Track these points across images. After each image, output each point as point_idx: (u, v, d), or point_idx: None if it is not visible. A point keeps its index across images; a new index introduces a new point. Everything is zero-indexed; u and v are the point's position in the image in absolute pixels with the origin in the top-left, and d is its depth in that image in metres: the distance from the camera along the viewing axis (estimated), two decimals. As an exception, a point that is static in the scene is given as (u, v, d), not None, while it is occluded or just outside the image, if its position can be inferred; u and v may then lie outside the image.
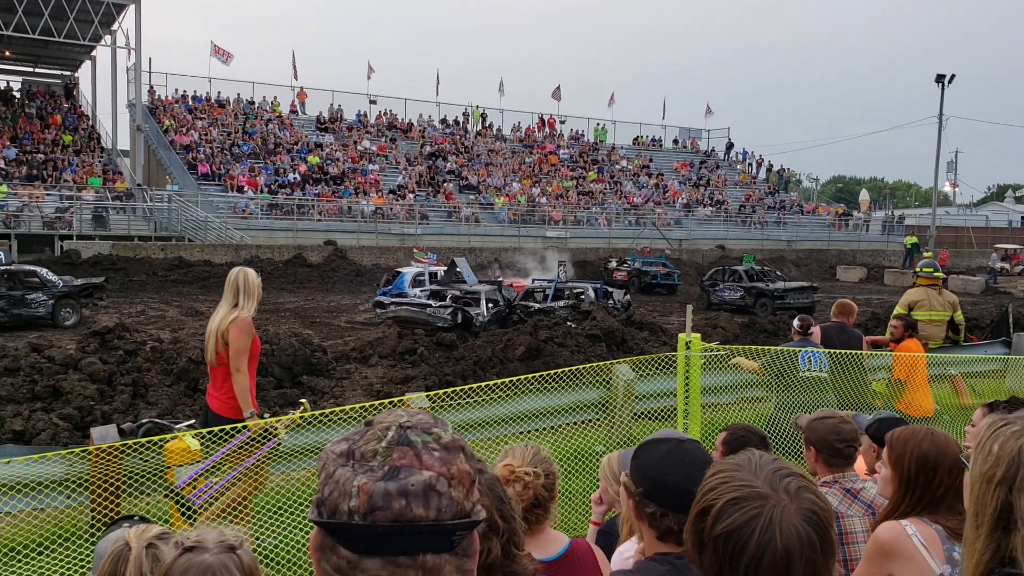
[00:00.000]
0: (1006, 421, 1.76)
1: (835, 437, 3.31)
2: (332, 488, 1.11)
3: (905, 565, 2.45)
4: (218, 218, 33.63)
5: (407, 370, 11.48)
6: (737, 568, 1.41)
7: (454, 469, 1.13)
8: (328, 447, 1.17)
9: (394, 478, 1.09)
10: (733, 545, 1.41)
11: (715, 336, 14.70)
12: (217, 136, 40.56)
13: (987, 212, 73.79)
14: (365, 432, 1.16)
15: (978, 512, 1.73)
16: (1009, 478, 1.67)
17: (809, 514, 1.43)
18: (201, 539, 1.90)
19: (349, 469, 1.11)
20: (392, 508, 1.08)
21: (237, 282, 5.62)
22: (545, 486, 2.66)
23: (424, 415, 1.20)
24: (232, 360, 5.31)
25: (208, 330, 5.48)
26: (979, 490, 1.72)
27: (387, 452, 1.12)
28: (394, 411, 1.21)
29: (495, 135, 52.74)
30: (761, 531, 1.40)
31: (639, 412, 8.14)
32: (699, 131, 62.25)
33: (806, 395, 6.83)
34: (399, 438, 1.13)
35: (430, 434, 1.15)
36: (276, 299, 25.01)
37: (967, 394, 8.96)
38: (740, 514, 1.42)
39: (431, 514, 1.09)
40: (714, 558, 1.44)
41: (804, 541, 1.40)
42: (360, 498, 1.08)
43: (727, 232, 47.17)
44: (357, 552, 1.10)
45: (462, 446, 1.17)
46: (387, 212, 38.58)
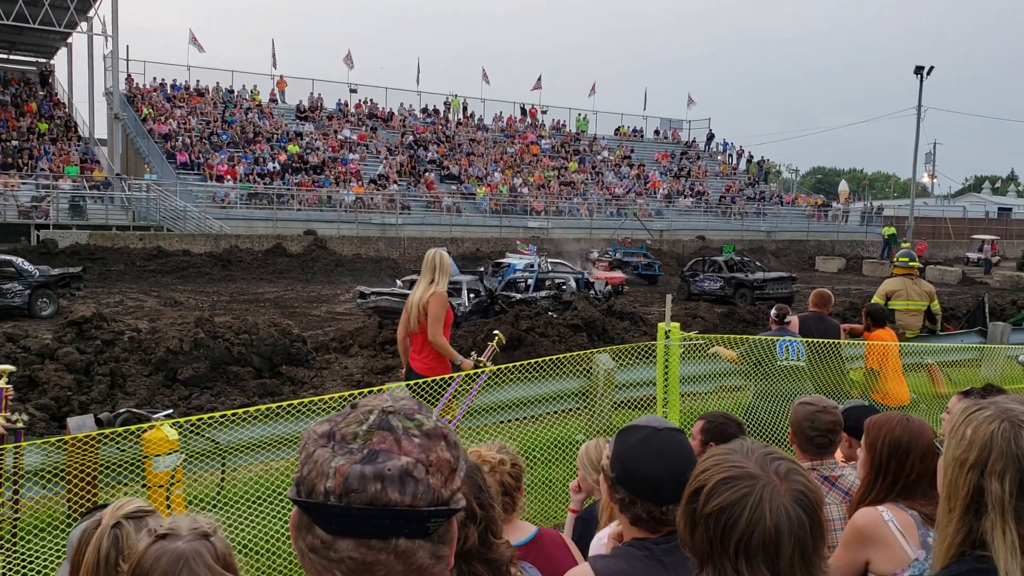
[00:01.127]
0: (979, 406, 1.77)
1: (809, 425, 3.32)
2: (311, 468, 1.12)
3: (881, 550, 2.47)
4: (197, 208, 33.37)
5: (387, 360, 11.47)
6: (727, 545, 1.43)
7: (433, 456, 1.13)
8: (311, 427, 1.17)
9: (372, 462, 1.10)
10: (724, 523, 1.44)
11: (695, 326, 14.77)
12: (196, 125, 40.20)
13: (965, 203, 74.51)
14: (348, 414, 1.17)
15: (951, 496, 1.74)
16: (981, 462, 1.69)
17: (799, 495, 1.46)
18: (174, 526, 1.89)
19: (328, 450, 1.12)
20: (367, 491, 1.08)
21: (434, 261, 6.35)
22: (512, 474, 2.69)
23: (409, 401, 1.20)
24: (430, 327, 6.11)
25: (410, 302, 6.30)
26: (952, 474, 1.74)
27: (367, 436, 1.12)
28: (380, 395, 1.22)
29: (476, 125, 52.62)
30: (751, 509, 1.43)
31: (619, 401, 8.16)
32: (680, 122, 62.39)
33: (784, 384, 6.88)
34: (380, 422, 1.14)
35: (412, 420, 1.16)
36: (255, 289, 24.88)
37: (943, 383, 9.05)
38: (731, 492, 1.46)
39: (406, 499, 1.10)
40: (705, 536, 1.46)
41: (793, 521, 1.43)
42: (336, 479, 1.09)
43: (707, 223, 47.35)
44: (331, 532, 1.10)
45: (444, 434, 1.17)
46: (368, 202, 38.41)
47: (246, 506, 5.29)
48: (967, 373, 9.64)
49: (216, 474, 5.75)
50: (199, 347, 10.28)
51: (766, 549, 1.41)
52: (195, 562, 1.81)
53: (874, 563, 2.49)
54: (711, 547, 1.45)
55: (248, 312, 17.85)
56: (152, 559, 1.81)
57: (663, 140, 60.42)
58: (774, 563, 1.41)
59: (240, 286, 25.56)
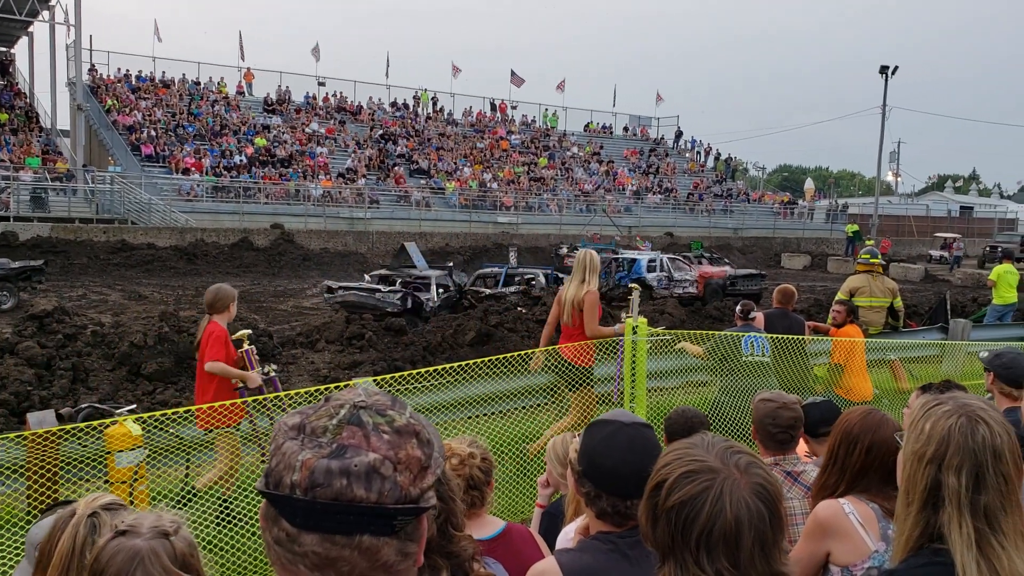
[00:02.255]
0: (938, 401, 1.81)
1: (770, 422, 3.35)
2: (279, 460, 1.11)
3: (842, 542, 2.51)
4: (162, 200, 32.94)
5: (355, 355, 11.41)
6: (689, 539, 1.44)
7: (402, 454, 1.13)
8: (283, 418, 1.17)
9: (339, 457, 1.09)
10: (685, 516, 1.45)
11: (662, 321, 14.86)
12: (162, 117, 39.66)
13: (928, 202, 75.57)
14: (320, 408, 1.16)
15: (909, 490, 1.78)
16: (939, 457, 1.72)
17: (758, 488, 1.47)
18: (135, 523, 1.86)
19: (298, 443, 1.11)
20: (332, 486, 1.08)
21: (585, 262, 7.04)
22: (481, 468, 2.68)
23: (383, 396, 1.19)
24: (587, 323, 6.92)
25: (563, 298, 7.08)
26: (910, 468, 1.77)
27: (337, 430, 1.12)
28: (354, 390, 1.21)
29: (446, 119, 52.47)
30: (712, 502, 1.44)
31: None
32: (649, 119, 62.67)
33: (749, 379, 6.95)
34: (350, 417, 1.13)
35: (384, 416, 1.15)
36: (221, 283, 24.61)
37: (905, 379, 9.18)
38: (692, 486, 1.47)
39: (372, 496, 1.09)
40: (667, 530, 1.47)
41: (753, 513, 1.44)
42: (302, 473, 1.09)
43: (676, 219, 47.62)
44: (296, 526, 1.10)
45: (417, 431, 1.16)
46: (336, 196, 38.15)
47: (211, 502, 5.25)
48: (929, 369, 9.79)
49: (180, 470, 5.70)
50: (163, 342, 10.16)
51: (727, 542, 1.43)
52: (150, 561, 1.79)
53: (835, 554, 2.53)
54: (672, 541, 1.46)
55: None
56: (108, 556, 1.79)
57: (632, 137, 60.68)
58: (734, 555, 1.42)
59: (206, 280, 25.25)
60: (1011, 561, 1.65)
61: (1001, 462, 1.70)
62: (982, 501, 1.69)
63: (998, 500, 1.69)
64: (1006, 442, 1.72)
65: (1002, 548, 1.66)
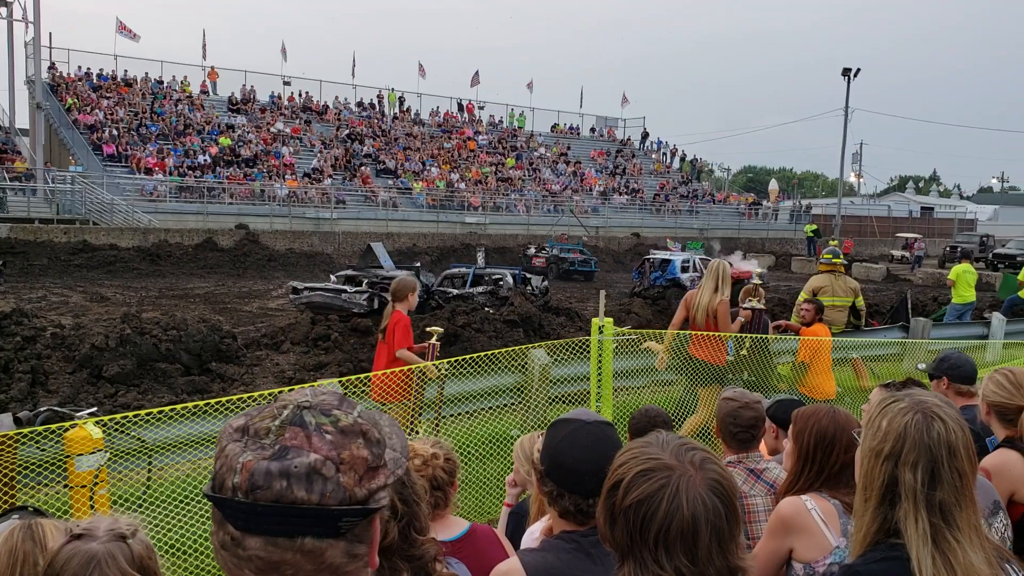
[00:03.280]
0: (895, 398, 1.83)
1: (731, 421, 3.37)
2: (222, 463, 1.10)
3: (804, 538, 2.53)
4: (125, 201, 32.48)
5: (320, 356, 11.33)
6: (647, 537, 1.44)
7: (346, 454, 1.11)
8: (229, 421, 1.16)
9: (280, 458, 1.08)
10: (643, 514, 1.45)
11: (628, 321, 14.93)
12: (124, 116, 39.09)
13: (889, 202, 76.68)
14: (264, 409, 1.15)
15: (867, 486, 1.80)
16: (896, 453, 1.75)
17: (714, 484, 1.48)
18: (92, 526, 1.84)
19: (240, 445, 1.10)
20: (272, 488, 1.06)
21: (718, 272, 7.46)
22: (445, 469, 2.68)
23: (330, 396, 1.18)
24: (720, 325, 7.33)
25: (695, 304, 7.49)
26: (868, 465, 1.79)
27: (279, 431, 1.10)
28: (301, 390, 1.20)
29: (413, 119, 52.29)
30: (669, 499, 1.45)
31: (555, 396, 8.20)
32: (615, 120, 62.97)
33: (711, 375, 7.01)
34: (293, 418, 1.12)
35: (328, 416, 1.13)
36: (185, 284, 24.34)
37: (867, 377, 9.32)
38: (648, 484, 1.47)
39: (313, 498, 1.07)
40: (625, 529, 1.47)
41: (709, 508, 1.45)
42: (243, 475, 1.07)
43: (642, 220, 47.87)
44: (239, 529, 1.09)
45: (364, 431, 1.14)
46: (302, 196, 37.86)
47: (173, 506, 5.19)
48: (890, 367, 9.93)
49: (142, 473, 5.62)
50: (125, 343, 10.01)
51: (684, 539, 1.43)
52: (107, 564, 1.77)
53: (797, 551, 2.55)
54: (631, 540, 1.47)
55: (177, 308, 17.46)
56: (64, 560, 1.76)
57: (599, 138, 60.92)
58: (692, 552, 1.43)
59: (169, 281, 24.99)
60: (965, 555, 1.68)
61: (956, 458, 1.73)
62: (937, 496, 1.71)
63: (953, 495, 1.72)
64: (961, 438, 1.75)
65: (957, 542, 1.69)
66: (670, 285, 22.26)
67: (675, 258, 24.58)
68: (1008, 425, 3.23)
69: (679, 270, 23.48)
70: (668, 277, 23.12)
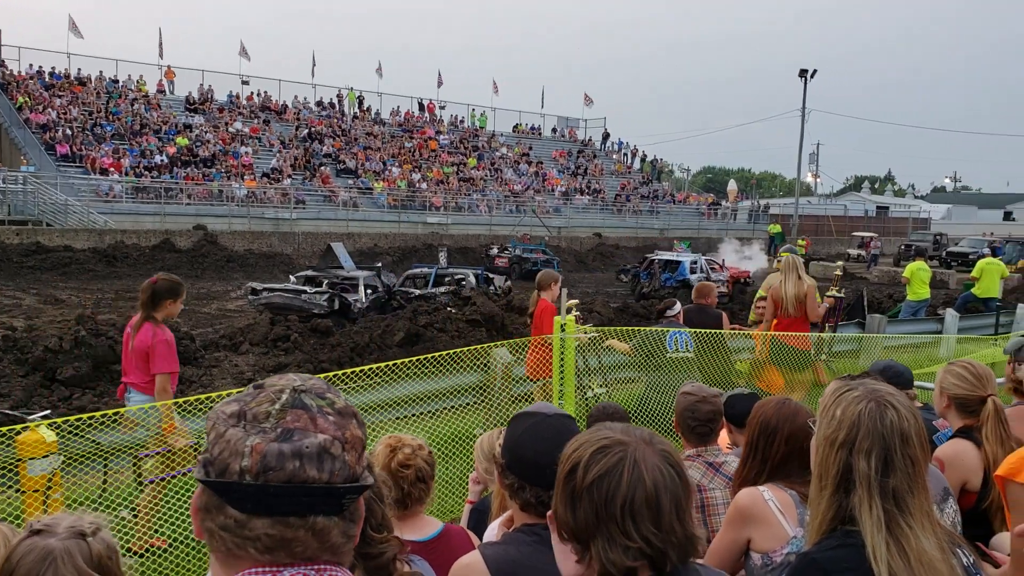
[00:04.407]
0: (848, 387, 1.86)
1: (689, 415, 3.40)
2: (223, 448, 1.11)
3: (762, 528, 2.56)
4: (79, 202, 31.88)
5: (280, 357, 11.23)
6: (614, 510, 1.46)
7: (348, 434, 1.15)
8: (218, 407, 1.16)
9: (288, 440, 1.10)
10: (606, 489, 1.47)
11: (590, 320, 14.99)
12: (78, 115, 38.35)
13: (846, 202, 77.90)
14: (257, 394, 1.17)
15: (822, 475, 1.83)
16: (850, 441, 1.77)
17: (665, 455, 1.52)
18: (53, 523, 1.82)
19: (241, 430, 1.12)
20: (285, 469, 1.09)
21: (795, 263, 8.18)
22: (427, 461, 2.72)
23: (317, 381, 1.21)
24: (810, 309, 8.04)
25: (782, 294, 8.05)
26: (823, 453, 1.82)
27: (281, 414, 1.13)
28: (286, 376, 1.21)
29: (373, 119, 52.01)
30: (629, 471, 1.47)
31: (517, 395, 8.21)
32: (577, 120, 63.21)
33: (674, 375, 7.07)
34: (293, 401, 1.15)
35: (324, 399, 1.17)
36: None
37: (824, 372, 9.45)
38: (607, 459, 1.49)
39: (324, 476, 1.11)
40: (590, 507, 1.48)
41: (667, 477, 1.48)
42: (253, 458, 1.09)
43: (604, 220, 48.13)
44: (245, 511, 1.10)
45: (354, 412, 1.20)
46: (260, 196, 37.45)
47: (130, 509, 5.11)
48: (847, 363, 10.10)
49: (98, 476, 5.53)
50: (80, 345, 9.82)
51: (649, 507, 1.46)
52: (63, 562, 1.74)
53: (755, 541, 2.58)
54: (597, 517, 1.47)
55: (134, 310, 17.13)
56: (20, 555, 1.73)
57: (560, 138, 61.10)
58: (657, 520, 1.46)
59: (126, 283, 24.55)
60: (918, 540, 1.71)
61: (908, 445, 1.76)
62: (891, 483, 1.74)
63: (906, 482, 1.75)
64: (913, 426, 1.78)
65: (910, 528, 1.72)
66: (680, 286, 22.64)
67: (684, 259, 25.12)
68: (969, 416, 3.28)
69: (688, 271, 23.99)
70: (678, 278, 23.64)
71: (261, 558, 1.12)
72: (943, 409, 3.40)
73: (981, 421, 3.19)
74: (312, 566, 1.14)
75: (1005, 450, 2.99)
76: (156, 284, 5.71)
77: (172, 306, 5.76)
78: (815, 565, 1.76)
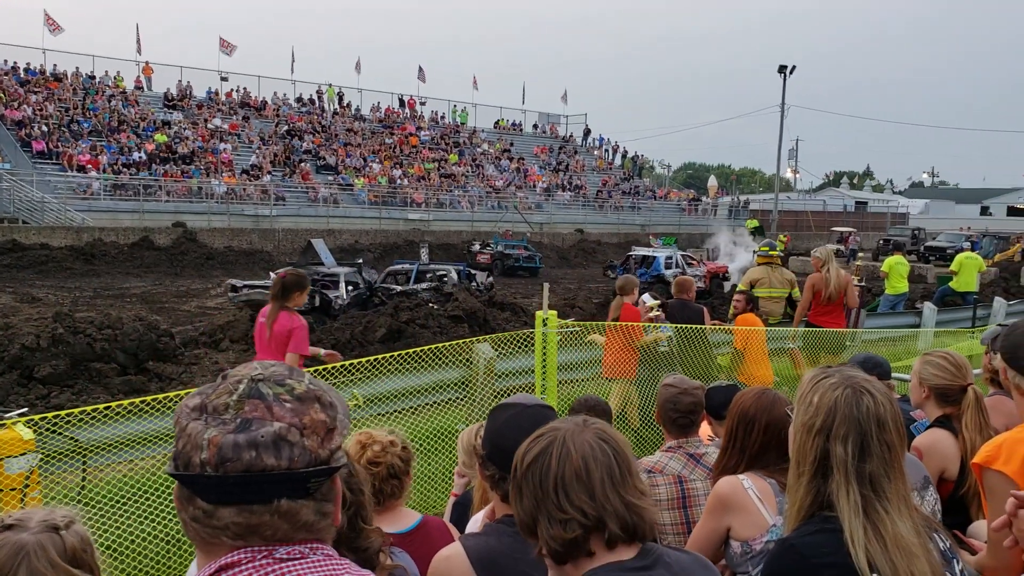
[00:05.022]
0: (825, 375, 1.88)
1: (671, 407, 3.42)
2: (185, 441, 1.15)
3: (741, 516, 2.58)
4: (56, 199, 31.57)
5: (262, 354, 11.16)
6: (547, 488, 1.54)
7: (307, 419, 1.17)
8: (183, 401, 1.19)
9: (245, 430, 1.13)
10: (539, 470, 1.56)
11: (572, 315, 15.01)
12: (54, 112, 37.95)
13: (824, 197, 78.42)
14: (218, 386, 1.19)
15: (800, 461, 1.84)
16: (827, 427, 1.79)
17: (599, 433, 1.61)
18: (25, 517, 1.80)
19: (201, 423, 1.15)
20: (242, 459, 1.12)
21: (831, 253, 9.41)
22: (401, 457, 2.68)
23: (280, 367, 1.23)
24: (850, 296, 9.23)
25: (828, 282, 9.00)
26: (800, 439, 1.84)
27: (239, 405, 1.15)
28: (249, 364, 1.24)
29: (354, 115, 51.80)
30: (558, 448, 1.57)
31: (500, 390, 8.21)
32: (558, 117, 63.26)
33: (653, 368, 7.10)
34: (250, 391, 1.17)
35: (283, 386, 1.19)
36: (121, 284, 23.79)
37: (804, 365, 9.51)
38: (538, 444, 1.60)
39: (283, 463, 1.13)
40: (530, 493, 1.56)
41: (597, 451, 1.55)
42: (210, 451, 1.12)
43: (585, 216, 48.22)
44: (211, 502, 1.14)
45: (318, 396, 1.20)
46: (240, 193, 37.22)
47: (110, 507, 5.07)
48: (826, 357, 10.16)
49: (77, 474, 5.48)
50: (58, 343, 9.74)
51: (579, 478, 1.53)
52: (36, 556, 1.72)
53: (735, 529, 2.60)
54: (536, 499, 1.55)
55: (113, 308, 17.05)
56: None
57: (541, 134, 61.11)
58: (589, 490, 1.53)
59: (104, 281, 24.37)
60: (894, 524, 1.73)
61: (885, 431, 1.78)
62: (867, 469, 1.76)
63: (882, 468, 1.77)
64: (889, 411, 1.80)
65: (886, 512, 1.74)
66: (655, 281, 22.49)
67: (659, 255, 25.13)
68: (947, 405, 3.31)
69: (663, 266, 24.02)
70: (653, 273, 23.57)
71: (235, 544, 1.15)
72: (922, 399, 3.42)
73: (962, 410, 3.22)
74: (306, 544, 1.18)
75: (983, 438, 3.02)
76: (285, 278, 6.44)
77: (299, 296, 6.43)
78: (793, 550, 1.78)
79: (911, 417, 3.87)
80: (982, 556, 2.34)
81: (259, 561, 1.14)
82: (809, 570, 1.74)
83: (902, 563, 1.69)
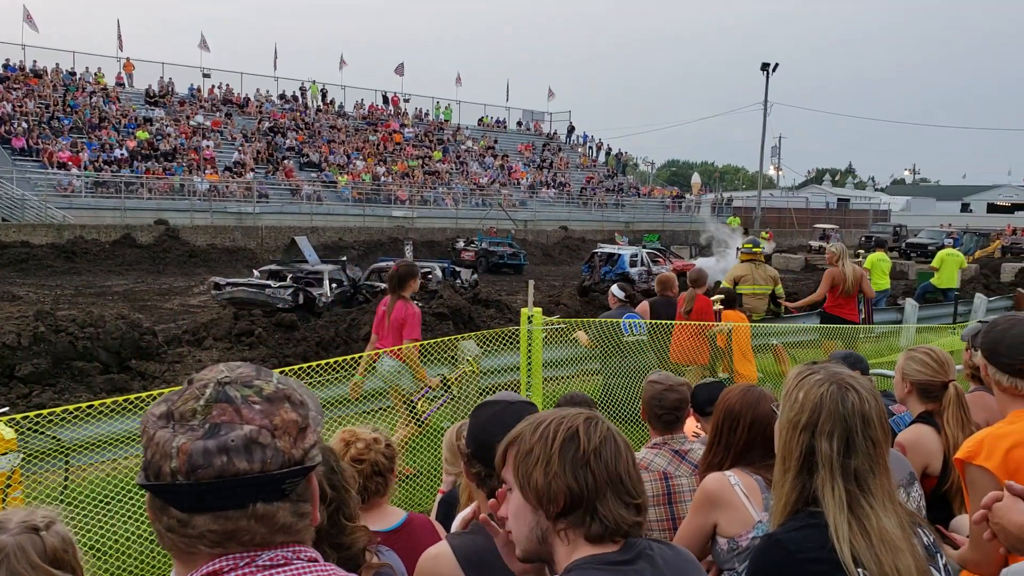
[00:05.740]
0: (810, 371, 1.89)
1: (656, 403, 3.43)
2: (154, 451, 1.11)
3: (728, 513, 2.59)
4: (37, 196, 31.29)
5: (244, 352, 11.13)
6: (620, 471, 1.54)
7: (277, 420, 1.14)
8: (149, 410, 1.16)
9: (214, 436, 1.10)
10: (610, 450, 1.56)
11: (557, 312, 15.02)
12: (34, 109, 37.58)
13: (807, 194, 78.87)
14: (184, 391, 1.16)
15: (786, 457, 1.85)
16: (812, 423, 1.80)
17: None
18: (4, 518, 1.78)
19: (169, 431, 1.11)
20: (214, 465, 1.09)
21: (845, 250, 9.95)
22: (385, 455, 2.68)
23: (246, 368, 1.19)
24: (866, 288, 9.93)
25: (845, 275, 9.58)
26: (786, 435, 1.85)
27: (206, 410, 1.12)
28: (215, 367, 1.20)
29: (337, 112, 51.60)
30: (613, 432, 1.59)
31: (485, 387, 8.21)
32: (542, 114, 63.25)
33: (629, 359, 7.16)
34: (217, 395, 1.13)
35: (251, 387, 1.15)
36: (103, 282, 23.61)
37: (788, 362, 9.56)
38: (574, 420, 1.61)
39: (255, 467, 1.10)
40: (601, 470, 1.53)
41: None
42: (180, 458, 1.09)
43: (570, 213, 48.27)
44: (185, 511, 1.11)
45: (287, 395, 1.17)
46: (223, 190, 37.01)
47: (93, 506, 5.04)
48: (810, 353, 10.21)
49: (60, 474, 5.44)
50: (39, 342, 9.66)
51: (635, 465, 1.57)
52: (15, 557, 1.70)
53: (721, 525, 2.61)
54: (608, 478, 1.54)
55: (95, 306, 16.91)
56: None
57: (525, 132, 61.08)
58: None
59: (86, 279, 24.18)
60: (879, 519, 1.75)
61: (869, 427, 1.80)
62: (852, 464, 1.78)
63: (867, 463, 1.79)
64: (874, 407, 1.82)
65: (871, 508, 1.76)
66: (619, 279, 22.49)
67: (624, 252, 25.04)
68: (931, 401, 3.33)
69: (628, 264, 23.98)
70: (617, 271, 23.53)
71: (212, 551, 1.12)
72: (905, 395, 3.44)
73: (943, 406, 3.25)
74: (288, 547, 1.16)
75: (965, 434, 3.05)
76: (398, 270, 6.97)
77: (414, 283, 6.98)
78: (779, 545, 1.79)
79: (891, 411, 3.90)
80: (964, 550, 2.36)
81: (242, 570, 1.12)
82: (795, 565, 1.75)
83: (887, 558, 1.71)
